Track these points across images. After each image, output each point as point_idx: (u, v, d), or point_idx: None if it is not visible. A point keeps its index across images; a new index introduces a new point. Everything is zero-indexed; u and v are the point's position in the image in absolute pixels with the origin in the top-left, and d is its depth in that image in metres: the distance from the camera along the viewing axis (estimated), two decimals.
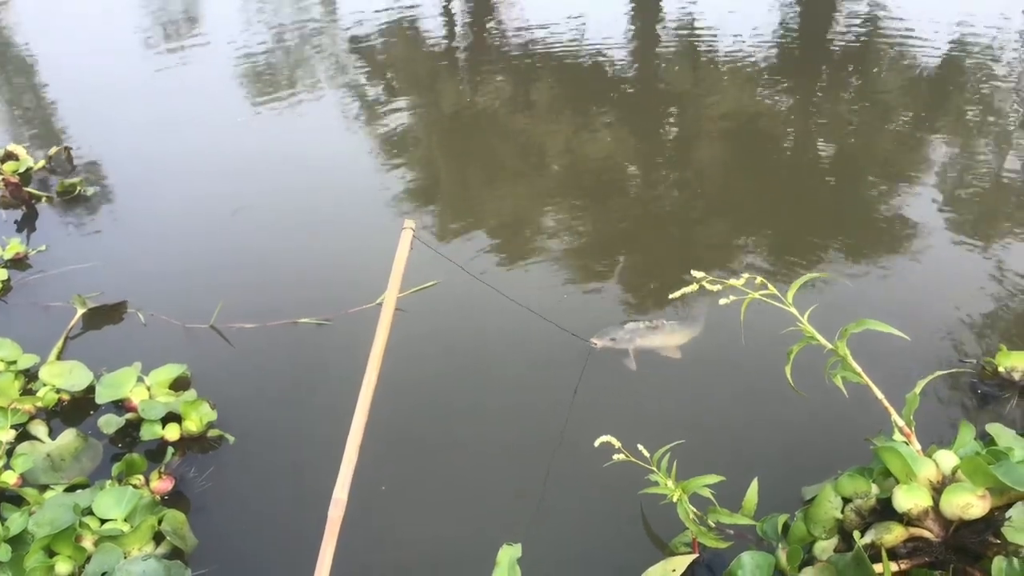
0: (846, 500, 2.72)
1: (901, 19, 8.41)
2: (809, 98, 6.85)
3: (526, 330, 3.90)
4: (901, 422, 2.73)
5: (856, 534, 2.51)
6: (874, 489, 2.67)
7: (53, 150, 6.12)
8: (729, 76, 7.24)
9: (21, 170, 5.84)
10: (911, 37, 7.84)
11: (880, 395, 2.71)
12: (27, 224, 5.42)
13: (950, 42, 7.67)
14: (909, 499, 2.48)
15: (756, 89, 6.94)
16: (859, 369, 2.73)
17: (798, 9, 9.13)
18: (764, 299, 2.75)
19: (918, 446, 2.72)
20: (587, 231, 4.98)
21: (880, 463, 2.70)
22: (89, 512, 3.02)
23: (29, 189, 5.65)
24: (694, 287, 2.78)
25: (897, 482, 2.57)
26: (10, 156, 5.96)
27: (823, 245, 4.70)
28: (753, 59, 7.52)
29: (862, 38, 8.02)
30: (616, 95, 7.08)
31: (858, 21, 8.49)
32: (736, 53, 7.66)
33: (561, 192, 5.48)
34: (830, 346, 2.74)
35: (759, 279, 2.77)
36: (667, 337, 3.93)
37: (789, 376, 2.78)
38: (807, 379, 2.86)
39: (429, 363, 3.90)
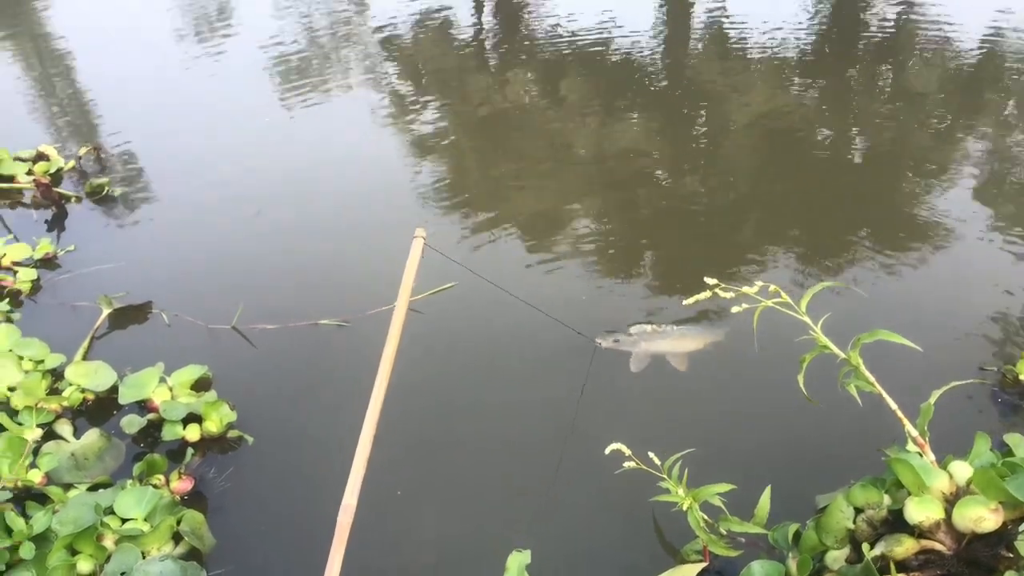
0: (858, 510, 2.71)
1: (936, 11, 8.27)
2: (841, 94, 6.78)
3: (542, 330, 3.93)
4: (915, 432, 2.70)
5: (866, 546, 2.50)
6: (886, 500, 2.65)
7: (83, 150, 6.22)
8: (760, 71, 7.19)
9: (52, 170, 5.95)
10: (947, 28, 7.72)
11: (893, 405, 2.69)
12: (57, 224, 5.52)
13: (987, 35, 7.54)
14: (921, 511, 2.46)
15: (787, 84, 6.89)
16: (872, 378, 2.71)
17: (831, 2, 9.01)
18: (777, 307, 2.73)
19: (932, 457, 2.69)
20: (613, 228, 5.00)
21: (893, 474, 2.68)
22: (111, 511, 3.08)
23: (59, 190, 5.76)
24: (707, 294, 2.77)
25: (909, 494, 2.55)
26: (42, 156, 6.08)
27: (846, 245, 4.66)
28: (784, 54, 7.46)
29: (896, 30, 7.92)
30: (646, 91, 7.05)
31: (892, 13, 8.38)
32: (767, 47, 7.60)
33: (587, 190, 5.49)
34: (843, 355, 2.73)
35: (772, 287, 2.76)
36: (675, 343, 3.91)
37: (802, 384, 2.77)
38: (823, 387, 2.84)
39: (443, 364, 3.94)
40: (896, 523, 2.62)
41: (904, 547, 2.46)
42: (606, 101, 6.81)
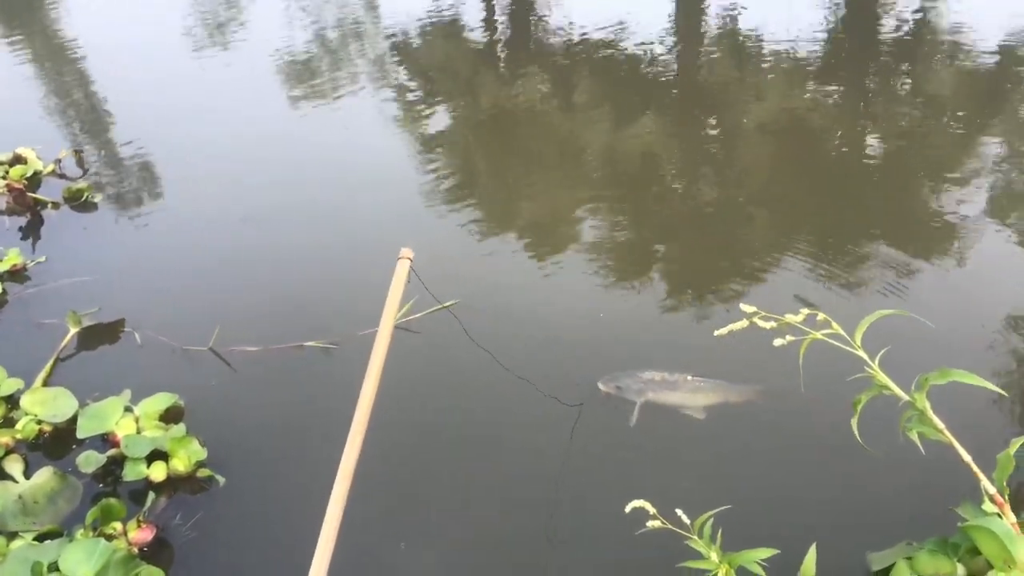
0: None
1: (955, 13, 7.83)
2: (857, 96, 6.35)
3: (547, 361, 3.54)
4: (992, 489, 2.28)
5: None
6: (960, 570, 2.24)
7: (63, 153, 5.85)
8: (774, 73, 6.77)
9: (29, 174, 5.58)
10: (964, 30, 7.28)
11: (967, 457, 2.27)
12: (31, 232, 5.16)
13: (1004, 39, 7.07)
14: None
15: (802, 87, 6.47)
16: (941, 425, 2.29)
17: (847, 4, 8.58)
18: (827, 339, 2.32)
19: (1013, 518, 2.27)
20: (627, 236, 4.64)
21: (966, 538, 2.27)
22: (55, 568, 2.68)
23: (34, 195, 5.39)
24: (743, 323, 2.36)
25: (990, 566, 2.14)
26: (19, 159, 5.70)
27: (883, 258, 4.24)
28: (799, 55, 7.03)
29: (913, 33, 7.48)
30: (657, 93, 6.66)
31: (909, 15, 7.94)
32: (782, 49, 7.17)
33: (598, 195, 5.10)
34: (906, 397, 2.31)
35: (820, 315, 2.34)
36: (688, 396, 3.40)
37: (856, 430, 2.36)
38: (873, 431, 2.43)
39: (440, 394, 3.53)
40: None
41: None
42: (617, 103, 6.41)
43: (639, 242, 4.63)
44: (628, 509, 2.33)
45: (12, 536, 2.93)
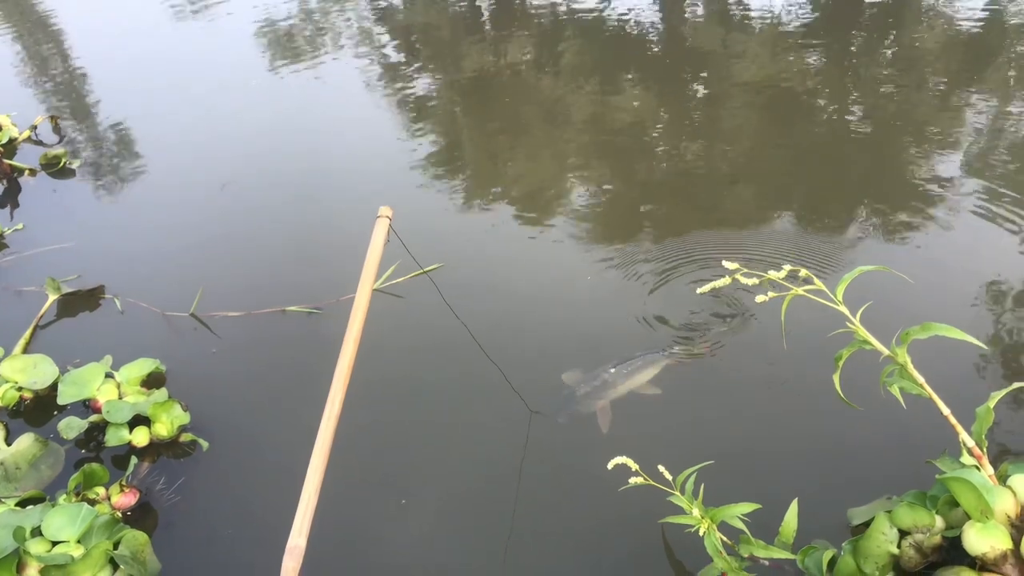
0: (903, 533, 2.32)
1: None
2: (842, 59, 6.31)
3: (541, 325, 3.53)
4: (971, 442, 2.30)
5: None
6: (938, 522, 2.26)
7: (39, 119, 5.77)
8: (759, 37, 6.71)
9: (4, 141, 5.50)
10: None
11: (946, 410, 2.28)
12: (7, 200, 5.09)
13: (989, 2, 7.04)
14: (984, 541, 2.07)
15: (787, 51, 6.41)
16: (921, 379, 2.31)
17: None
18: (809, 295, 2.32)
19: (990, 470, 2.30)
20: (610, 201, 4.57)
21: (944, 490, 2.29)
22: (39, 532, 2.67)
23: (10, 162, 5.31)
24: (726, 280, 2.36)
25: (968, 517, 2.16)
26: None
27: (864, 221, 4.23)
28: (784, 19, 6.97)
29: None
30: (643, 59, 6.59)
31: None
32: (767, 14, 7.11)
33: (584, 161, 5.05)
34: (887, 352, 2.32)
35: (803, 271, 2.34)
36: (635, 378, 3.30)
37: (838, 386, 2.37)
38: (855, 387, 2.45)
39: (426, 357, 3.51)
40: (950, 549, 2.23)
41: None
42: (602, 68, 6.34)
43: (623, 206, 4.60)
44: (610, 466, 2.34)
45: None
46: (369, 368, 2.89)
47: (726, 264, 2.36)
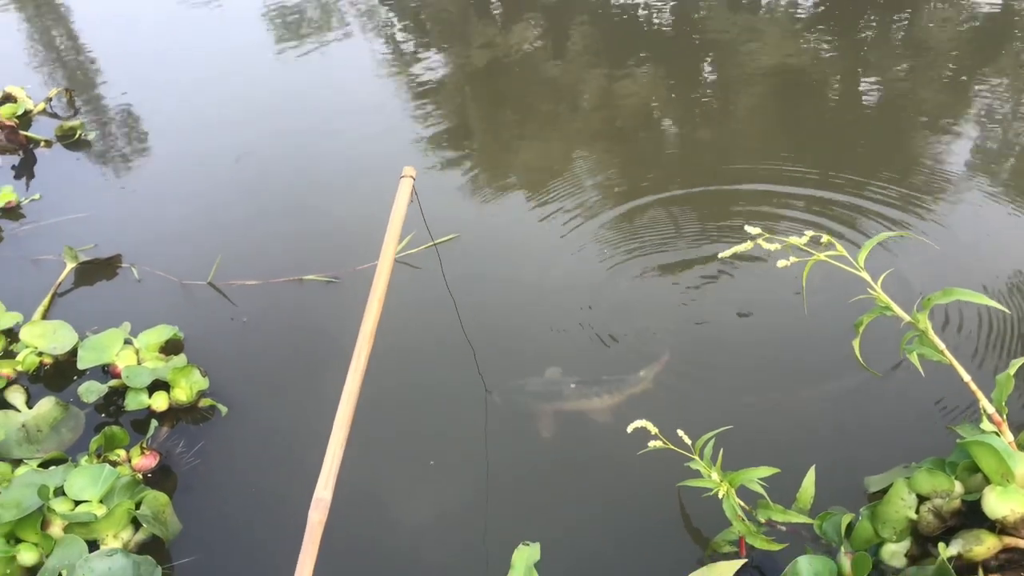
0: (922, 498, 2.33)
1: None
2: (855, 40, 6.24)
3: (554, 292, 3.53)
4: (991, 408, 2.31)
5: (941, 546, 2.11)
6: (957, 487, 2.26)
7: (53, 91, 5.77)
8: (771, 18, 6.65)
9: (19, 112, 5.51)
10: None
11: (966, 376, 2.29)
12: (23, 170, 5.10)
13: None
14: (1004, 504, 2.08)
15: (800, 32, 6.35)
16: (942, 345, 2.31)
17: None
18: (830, 261, 2.32)
19: (1010, 437, 2.31)
20: (617, 180, 4.54)
21: (964, 456, 2.30)
22: (62, 492, 2.70)
23: (27, 133, 5.32)
24: (748, 244, 2.36)
25: (988, 481, 2.17)
26: (8, 98, 5.65)
27: (881, 201, 4.20)
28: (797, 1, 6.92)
29: None
30: (653, 39, 6.54)
31: None
32: None
33: (592, 140, 5.02)
34: (908, 318, 2.32)
35: (825, 237, 2.34)
36: (591, 403, 3.12)
37: (858, 352, 2.37)
38: (874, 355, 2.46)
39: (446, 323, 3.52)
40: (969, 514, 2.24)
41: (985, 546, 2.09)
42: (612, 50, 6.30)
43: (634, 184, 4.56)
44: (630, 429, 2.35)
45: (16, 463, 2.94)
46: (397, 333, 2.92)
47: (748, 229, 2.36)
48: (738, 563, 2.32)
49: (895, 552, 2.34)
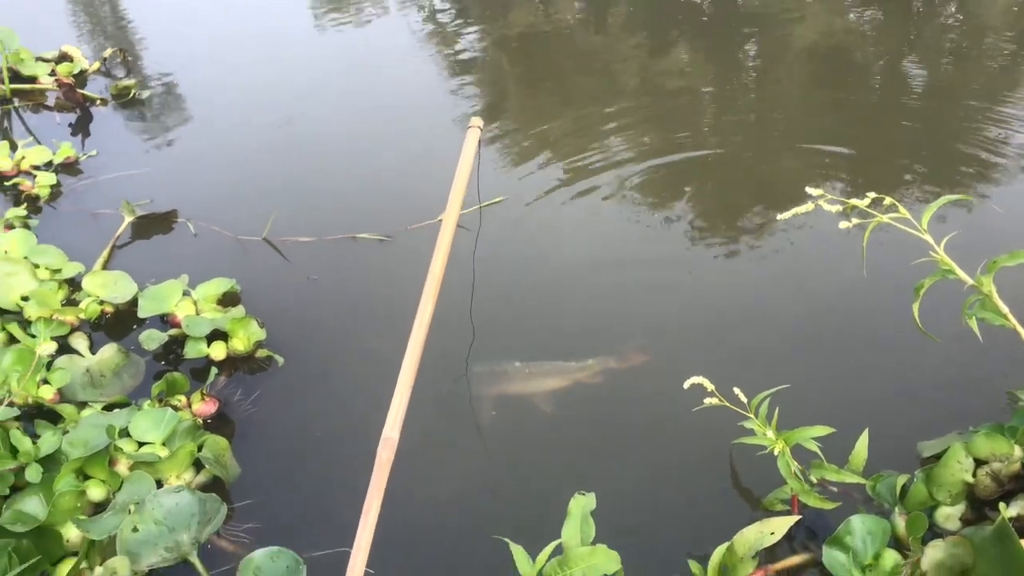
0: (979, 462, 2.33)
1: None
2: (903, 20, 6.13)
3: (596, 253, 3.57)
4: None
5: (1002, 506, 2.12)
6: (1017, 451, 2.27)
7: (107, 52, 5.85)
8: None
9: (76, 72, 5.60)
10: None
11: None
12: (80, 128, 5.19)
13: None
14: None
15: (846, 10, 6.24)
16: (1005, 309, 2.30)
17: None
18: (893, 223, 2.32)
19: None
20: (661, 160, 4.48)
21: None
22: (126, 434, 2.79)
23: (83, 91, 5.41)
24: (809, 206, 2.36)
25: None
26: (65, 57, 5.72)
27: (933, 182, 4.14)
28: None
29: None
30: (695, 16, 6.46)
31: None
32: None
33: (631, 116, 4.95)
34: (971, 281, 2.31)
35: (888, 199, 2.34)
36: (538, 383, 3.07)
37: (916, 316, 2.37)
38: (930, 318, 2.44)
39: (503, 283, 3.57)
40: None
41: None
42: (653, 26, 6.23)
43: (676, 164, 4.52)
44: (687, 386, 2.37)
45: (81, 406, 3.03)
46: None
47: (809, 190, 2.36)
48: (792, 519, 2.33)
49: (950, 515, 2.35)
